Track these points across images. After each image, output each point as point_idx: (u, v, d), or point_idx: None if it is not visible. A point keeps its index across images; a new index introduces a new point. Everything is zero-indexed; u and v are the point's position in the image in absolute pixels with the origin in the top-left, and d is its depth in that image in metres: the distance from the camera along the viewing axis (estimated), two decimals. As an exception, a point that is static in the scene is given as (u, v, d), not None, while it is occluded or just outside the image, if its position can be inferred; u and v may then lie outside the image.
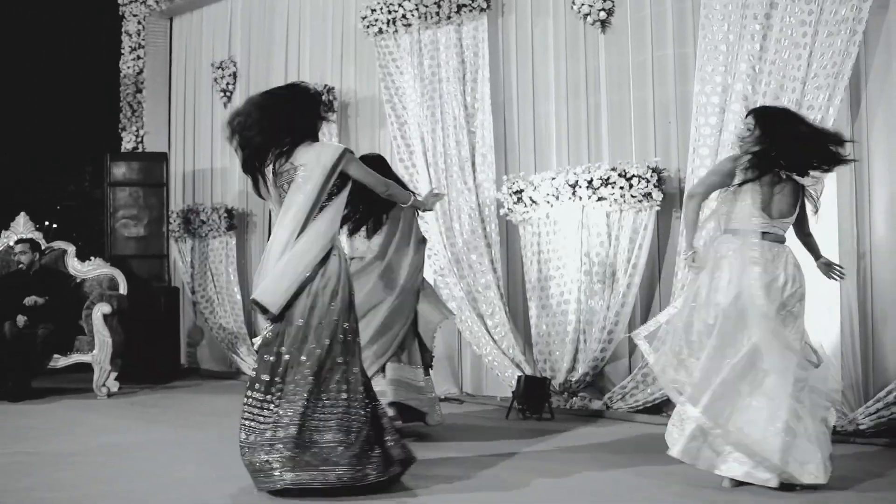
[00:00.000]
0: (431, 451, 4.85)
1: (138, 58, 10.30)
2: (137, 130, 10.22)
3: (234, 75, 9.64)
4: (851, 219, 5.51)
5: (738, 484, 4.04)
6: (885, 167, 5.49)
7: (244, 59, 9.59)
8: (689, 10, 6.32)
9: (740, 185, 4.25)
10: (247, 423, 3.96)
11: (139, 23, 10.31)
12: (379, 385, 5.00)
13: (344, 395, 3.96)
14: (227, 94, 9.67)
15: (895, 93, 5.47)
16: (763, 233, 4.24)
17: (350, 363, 4.03)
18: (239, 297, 9.18)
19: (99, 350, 7.55)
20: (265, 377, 3.98)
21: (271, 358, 4.00)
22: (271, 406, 3.92)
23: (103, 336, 7.53)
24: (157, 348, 8.72)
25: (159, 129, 10.37)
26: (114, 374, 7.65)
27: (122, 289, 7.98)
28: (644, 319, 6.48)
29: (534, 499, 4.01)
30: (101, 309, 7.57)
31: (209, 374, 9.41)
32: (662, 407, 6.27)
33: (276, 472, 3.83)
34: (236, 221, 9.31)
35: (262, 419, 3.92)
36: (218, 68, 9.72)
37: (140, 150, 10.09)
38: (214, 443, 5.32)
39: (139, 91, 10.32)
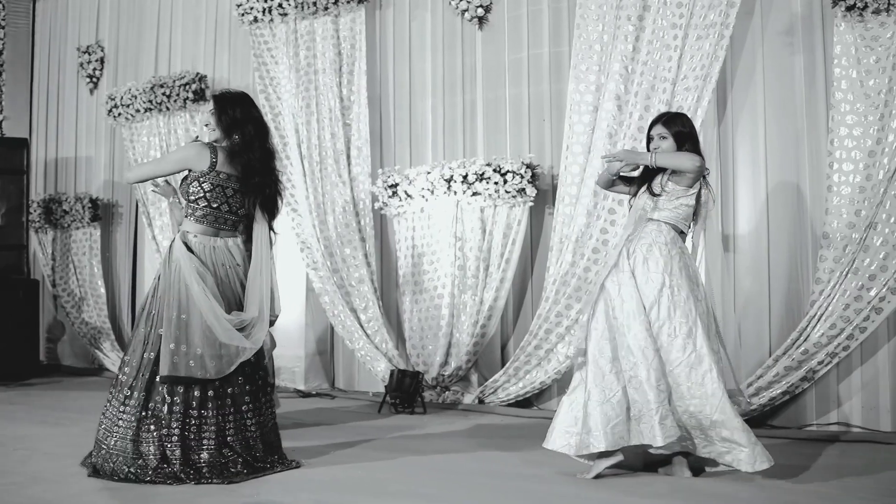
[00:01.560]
0: (297, 440, 4.79)
1: (-2, 39, 9.79)
2: (-4, 115, 9.72)
3: (102, 61, 9.27)
4: (717, 216, 5.67)
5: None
6: (749, 167, 5.68)
7: (112, 45, 9.23)
8: (566, 10, 6.40)
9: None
10: None
11: (0, 2, 9.81)
12: None
13: None
14: (94, 79, 9.30)
15: (758, 96, 5.67)
16: None
17: None
18: (103, 290, 8.82)
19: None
20: None
21: None
22: None
23: (-46, 329, 7.10)
24: (14, 344, 8.25)
25: (20, 115, 9.88)
26: (-36, 371, 7.22)
27: (-24, 280, 7.55)
28: (516, 314, 6.55)
29: (398, 472, 4.09)
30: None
31: (70, 370, 9.00)
32: (532, 400, 6.33)
33: None
34: (101, 212, 8.94)
35: None
36: (84, 53, 9.33)
37: (-1, 135, 9.59)
38: (79, 439, 5.07)
39: (-1, 74, 9.82)
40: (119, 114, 8.50)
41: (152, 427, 4.03)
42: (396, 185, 6.72)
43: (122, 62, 9.11)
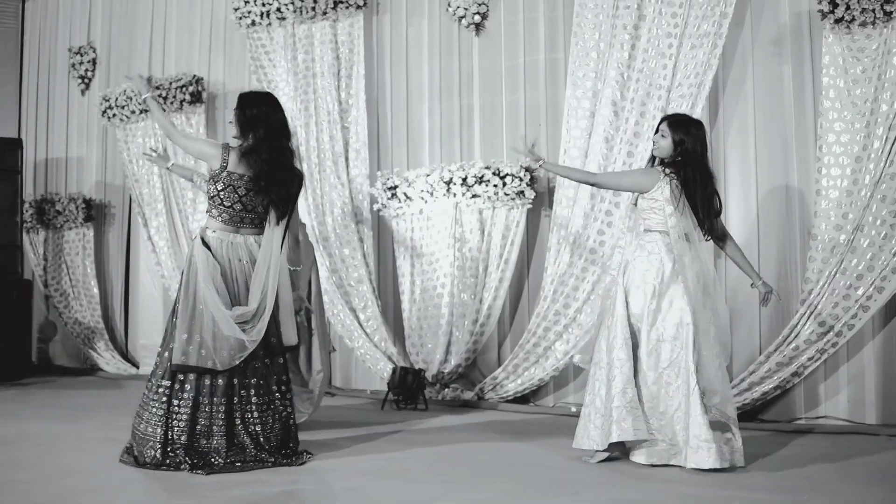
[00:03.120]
0: (310, 435, 4.96)
1: (-14, 39, 9.82)
2: (-15, 115, 9.74)
3: (94, 62, 9.33)
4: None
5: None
6: (739, 172, 5.92)
7: (104, 46, 9.30)
8: (561, 18, 6.60)
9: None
10: None
11: (-12, 3, 9.83)
12: None
13: None
14: (86, 80, 9.36)
15: (748, 104, 5.92)
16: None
17: None
18: (96, 290, 8.89)
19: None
20: None
21: None
22: None
23: (-46, 329, 7.16)
24: (7, 344, 8.30)
25: (9, 115, 9.91)
26: (-39, 371, 7.28)
27: (-27, 280, 7.60)
28: (513, 314, 6.75)
29: (418, 462, 4.30)
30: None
31: (62, 370, 9.05)
32: (530, 397, 6.53)
33: None
34: (94, 213, 9.00)
35: None
36: (76, 54, 9.39)
37: (-13, 135, 9.61)
38: (90, 433, 5.20)
39: (-13, 74, 9.84)
40: (114, 115, 8.58)
41: (169, 413, 4.24)
42: (396, 187, 6.89)
43: (114, 63, 9.18)
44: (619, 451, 4.41)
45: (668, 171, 4.43)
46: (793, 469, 4.20)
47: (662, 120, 4.55)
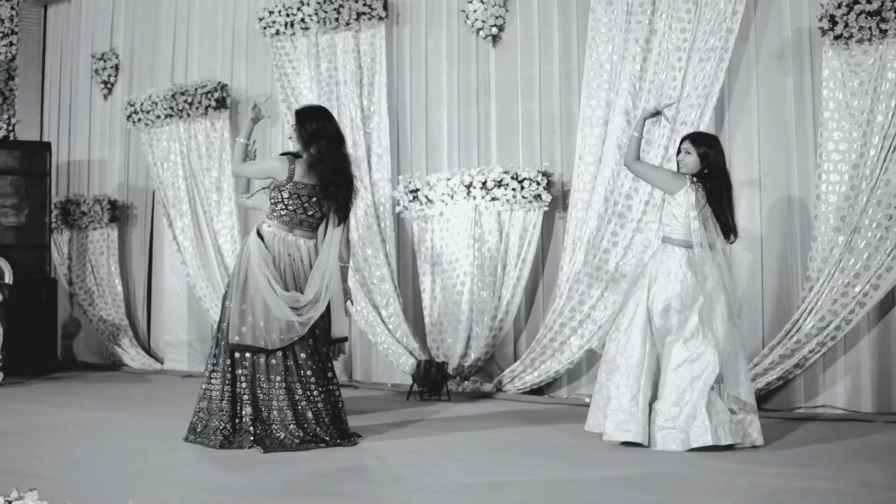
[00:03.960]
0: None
1: (11, 44, 10.12)
2: (9, 118, 10.04)
3: (117, 67, 9.67)
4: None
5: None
6: (744, 178, 6.32)
7: (127, 52, 9.64)
8: (575, 31, 7.00)
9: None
10: None
11: (12, 8, 10.13)
12: None
13: None
14: (109, 85, 9.70)
15: (753, 114, 6.34)
16: None
17: None
18: (120, 288, 9.24)
19: (-8, 339, 7.54)
20: None
21: None
22: None
23: (-6, 324, 7.51)
24: (36, 340, 8.64)
25: (32, 118, 10.24)
26: (-1, 364, 7.62)
27: (8, 278, 7.93)
28: (528, 310, 7.14)
29: (457, 444, 4.75)
30: (-8, 298, 7.55)
31: (86, 366, 9.38)
32: (545, 389, 6.93)
33: None
34: (118, 213, 9.35)
35: None
36: (99, 59, 9.72)
37: (11, 138, 9.92)
38: (139, 420, 5.58)
39: (11, 78, 10.14)
40: (139, 119, 8.92)
41: (234, 389, 4.71)
42: (417, 190, 7.27)
43: (136, 69, 9.52)
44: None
45: (694, 179, 4.85)
46: (799, 448, 4.62)
47: (684, 139, 4.98)
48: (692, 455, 4.47)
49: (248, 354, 4.74)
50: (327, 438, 4.64)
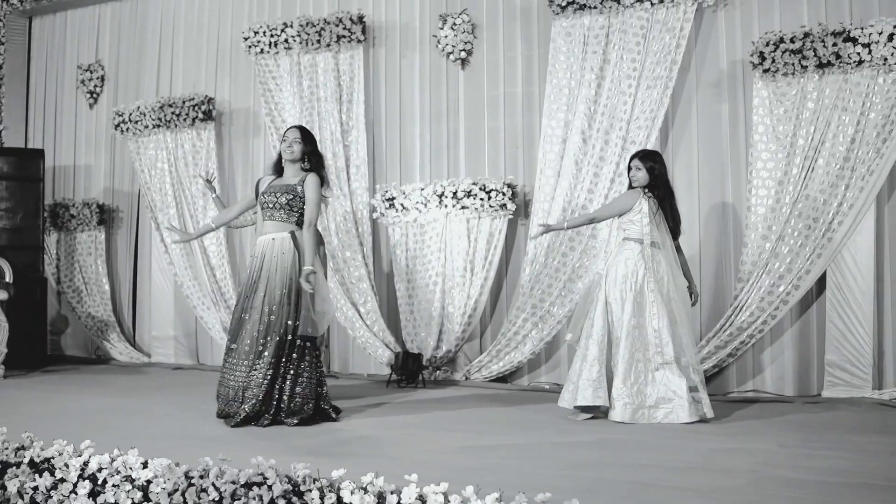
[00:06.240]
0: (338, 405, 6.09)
1: (-3, 54, 10.63)
2: (-4, 125, 10.57)
3: (103, 78, 10.23)
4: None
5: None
6: (685, 191, 7.19)
7: (112, 63, 10.21)
8: (536, 57, 7.81)
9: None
10: None
11: (-1, 20, 10.65)
12: None
13: None
14: (95, 95, 10.26)
15: (693, 135, 7.22)
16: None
17: None
18: (107, 287, 9.84)
19: None
20: None
21: None
22: None
23: (1, 321, 8.05)
24: (30, 336, 9.19)
25: (17, 125, 10.75)
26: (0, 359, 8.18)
27: (9, 277, 8.50)
28: (494, 306, 7.95)
29: (443, 419, 5.53)
30: (-1, 295, 8.13)
31: (75, 360, 9.95)
32: (508, 377, 7.73)
33: None
34: (105, 216, 9.93)
35: None
36: (85, 70, 10.28)
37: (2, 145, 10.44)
38: (162, 406, 6.26)
39: (-3, 87, 10.66)
40: (127, 128, 9.52)
41: (270, 374, 5.43)
42: (393, 198, 8.02)
43: (122, 81, 10.10)
44: (600, 413, 5.64)
45: (645, 191, 5.71)
46: (737, 422, 5.50)
47: (633, 157, 5.84)
48: (649, 426, 5.33)
49: (298, 342, 5.57)
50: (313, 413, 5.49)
